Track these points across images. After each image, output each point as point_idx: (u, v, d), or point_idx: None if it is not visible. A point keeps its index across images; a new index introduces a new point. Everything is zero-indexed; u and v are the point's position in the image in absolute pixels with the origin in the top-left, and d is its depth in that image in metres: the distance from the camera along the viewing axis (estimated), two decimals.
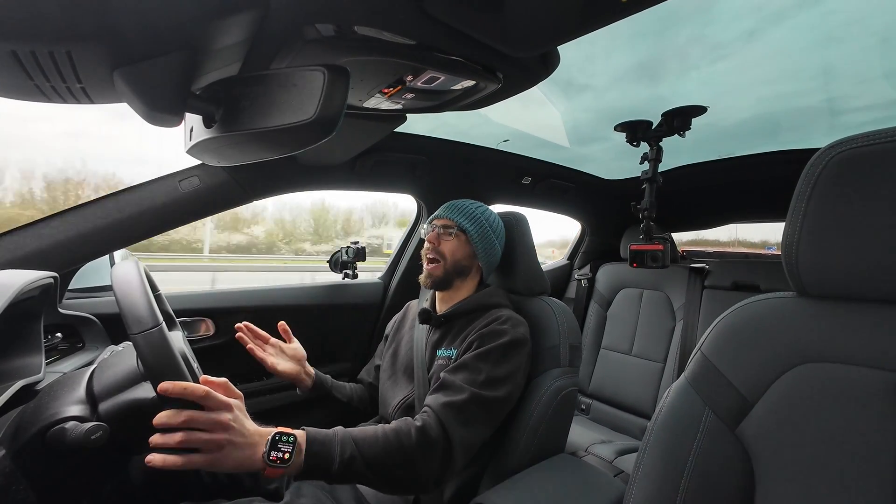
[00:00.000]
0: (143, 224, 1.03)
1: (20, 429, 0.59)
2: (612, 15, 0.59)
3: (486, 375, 0.80)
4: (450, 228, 0.97)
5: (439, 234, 0.98)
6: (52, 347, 0.95)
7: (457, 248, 0.97)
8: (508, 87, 0.81)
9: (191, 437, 0.56)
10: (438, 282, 0.97)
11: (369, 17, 0.56)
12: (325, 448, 0.66)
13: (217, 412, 0.58)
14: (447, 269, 0.96)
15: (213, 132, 0.53)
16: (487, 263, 1.00)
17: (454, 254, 0.96)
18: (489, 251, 0.99)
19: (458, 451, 0.75)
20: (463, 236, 0.97)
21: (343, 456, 0.67)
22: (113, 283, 0.61)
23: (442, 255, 0.97)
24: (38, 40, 0.39)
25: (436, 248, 0.97)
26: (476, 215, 0.99)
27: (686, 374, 0.61)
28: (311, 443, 0.66)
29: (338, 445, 0.68)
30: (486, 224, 0.99)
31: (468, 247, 0.97)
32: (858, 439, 0.47)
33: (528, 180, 1.72)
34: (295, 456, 0.63)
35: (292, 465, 0.62)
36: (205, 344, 1.26)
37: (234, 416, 0.60)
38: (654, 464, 0.58)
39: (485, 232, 0.98)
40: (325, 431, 0.69)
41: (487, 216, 1.00)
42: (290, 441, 0.63)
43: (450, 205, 1.01)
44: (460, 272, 0.98)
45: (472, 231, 0.96)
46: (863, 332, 0.50)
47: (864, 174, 0.48)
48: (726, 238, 5.17)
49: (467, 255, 0.98)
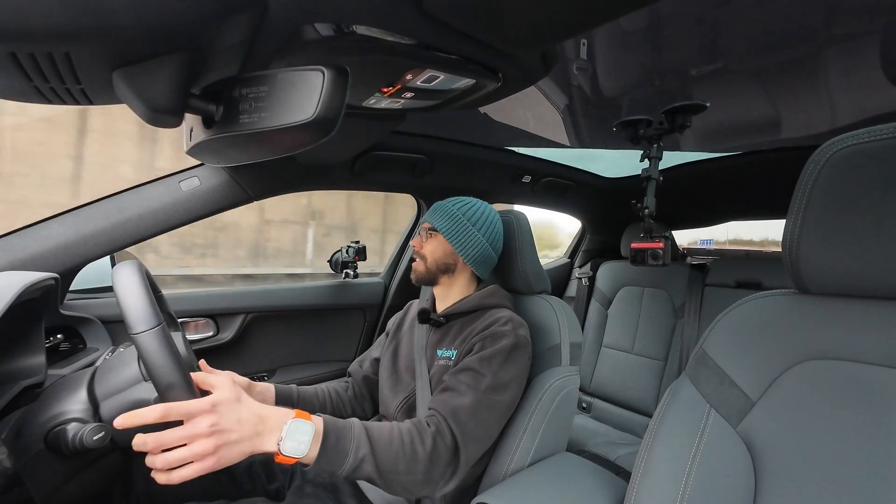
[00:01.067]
0: (144, 224, 1.03)
1: (22, 430, 0.59)
2: (611, 12, 0.58)
3: (492, 379, 0.80)
4: (429, 230, 1.00)
5: (421, 237, 1.01)
6: (54, 349, 0.95)
7: (435, 248, 0.98)
8: (508, 85, 0.81)
9: (173, 457, 0.53)
10: (423, 279, 1.00)
11: (368, 16, 0.56)
12: (340, 443, 0.65)
13: (192, 423, 0.55)
14: (428, 267, 0.98)
15: (213, 132, 0.53)
16: (471, 258, 0.97)
17: (433, 253, 0.98)
18: (467, 244, 0.97)
19: (465, 458, 0.75)
20: (439, 235, 0.99)
21: (357, 454, 0.65)
22: (114, 284, 0.61)
23: (422, 256, 0.99)
24: (36, 42, 0.38)
25: (418, 251, 1.00)
26: (452, 212, 0.98)
27: (687, 372, 0.61)
28: (327, 435, 0.64)
29: (354, 442, 0.66)
30: (462, 218, 0.97)
31: (446, 244, 0.98)
32: (861, 436, 0.47)
33: (528, 179, 1.72)
34: (311, 447, 0.61)
35: (306, 457, 0.60)
36: (206, 344, 1.26)
37: (216, 419, 0.56)
38: (657, 462, 0.58)
39: (459, 226, 0.97)
40: (343, 424, 0.67)
41: (466, 210, 0.99)
42: (306, 430, 0.61)
43: (432, 207, 1.03)
44: (444, 269, 0.99)
45: (443, 228, 0.97)
46: (864, 330, 0.50)
47: (865, 170, 0.48)
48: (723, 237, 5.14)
49: (446, 252, 0.98)
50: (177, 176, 1.06)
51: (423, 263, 0.99)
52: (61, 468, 0.60)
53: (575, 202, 2.04)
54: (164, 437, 0.53)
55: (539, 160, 1.68)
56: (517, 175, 1.68)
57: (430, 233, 1.00)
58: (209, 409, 0.56)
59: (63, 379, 0.68)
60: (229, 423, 0.57)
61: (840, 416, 0.49)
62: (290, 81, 0.48)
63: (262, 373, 1.39)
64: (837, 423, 0.49)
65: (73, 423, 0.58)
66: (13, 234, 0.92)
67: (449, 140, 1.41)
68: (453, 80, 0.75)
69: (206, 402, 0.56)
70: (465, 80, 0.76)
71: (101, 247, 0.99)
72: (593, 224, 2.22)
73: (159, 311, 0.59)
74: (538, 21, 0.61)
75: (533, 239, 1.07)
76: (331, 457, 0.64)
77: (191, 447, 0.54)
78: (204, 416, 0.55)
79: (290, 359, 1.44)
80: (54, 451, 0.58)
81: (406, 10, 0.55)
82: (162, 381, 0.56)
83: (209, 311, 1.28)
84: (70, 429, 0.58)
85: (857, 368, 0.49)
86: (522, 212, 1.09)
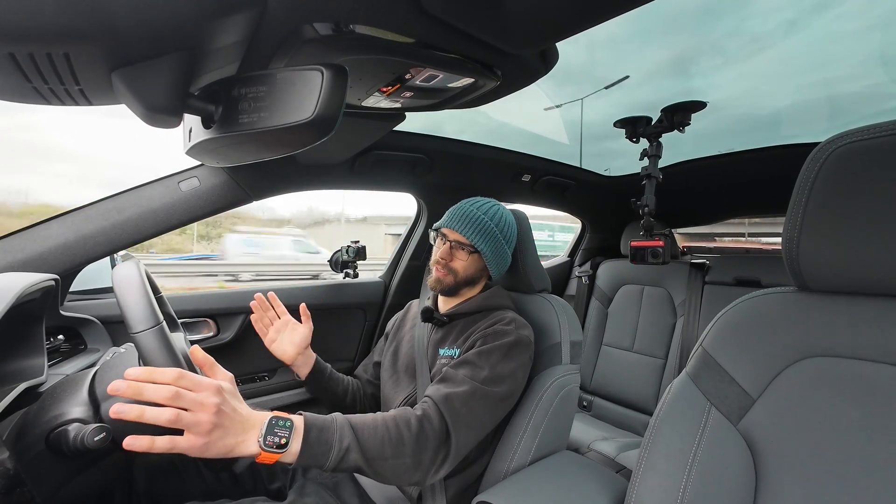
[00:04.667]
0: (144, 225, 1.03)
1: (23, 431, 0.59)
2: (610, 10, 0.58)
3: (489, 372, 0.80)
4: (464, 246, 0.94)
5: (452, 249, 0.95)
6: (54, 349, 0.95)
7: (469, 265, 0.95)
8: (507, 84, 0.81)
9: (179, 416, 0.51)
10: (447, 291, 0.97)
11: (367, 15, 0.56)
12: (323, 434, 0.65)
13: (203, 394, 0.54)
14: (458, 281, 0.95)
15: (212, 133, 0.53)
16: (498, 273, 1.00)
17: (467, 269, 0.95)
18: (501, 263, 0.98)
19: (455, 443, 0.74)
20: (477, 254, 0.95)
21: (341, 444, 0.65)
22: (114, 284, 0.61)
23: (453, 271, 0.94)
24: (35, 42, 0.38)
25: (447, 263, 0.94)
26: (490, 229, 0.94)
27: (688, 369, 0.61)
28: (308, 428, 0.64)
29: (336, 432, 0.66)
30: (500, 237, 0.95)
31: (481, 262, 0.96)
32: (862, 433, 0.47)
33: (528, 178, 1.72)
34: (292, 441, 0.61)
35: (288, 452, 0.60)
36: (206, 344, 1.26)
37: (222, 400, 0.56)
38: (657, 460, 0.58)
39: (499, 247, 0.95)
40: (324, 417, 0.67)
41: (502, 227, 0.96)
42: (287, 426, 0.61)
43: (463, 216, 0.94)
44: (470, 282, 0.98)
45: (487, 251, 0.93)
46: (865, 327, 0.50)
47: (865, 168, 0.48)
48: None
49: (479, 268, 0.97)
50: (176, 176, 1.06)
51: (453, 277, 0.95)
52: (63, 469, 0.60)
53: (575, 201, 2.03)
54: (180, 391, 0.52)
55: (539, 159, 1.67)
56: (517, 174, 1.68)
57: (463, 248, 0.94)
58: (217, 388, 0.56)
59: (64, 380, 0.68)
60: (229, 409, 0.57)
61: (840, 414, 0.49)
62: (290, 81, 0.47)
63: (262, 373, 1.39)
64: (838, 420, 0.49)
65: (75, 423, 0.58)
66: (13, 236, 0.92)
67: (449, 139, 1.41)
68: (452, 78, 0.75)
69: (215, 383, 0.57)
70: (464, 79, 0.76)
71: (100, 247, 0.99)
72: (593, 222, 2.22)
73: (158, 311, 0.59)
74: (538, 19, 0.61)
75: (533, 238, 1.07)
76: (315, 450, 0.63)
77: (195, 414, 0.53)
78: (212, 393, 0.55)
79: None
80: (55, 452, 0.58)
81: (405, 9, 0.55)
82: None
83: (209, 311, 1.28)
84: (71, 429, 0.58)
85: (857, 365, 0.49)
86: (523, 211, 1.09)
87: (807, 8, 0.76)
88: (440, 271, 0.95)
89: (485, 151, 1.51)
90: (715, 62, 0.98)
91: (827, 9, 0.76)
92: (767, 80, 1.06)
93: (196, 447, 0.53)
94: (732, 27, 0.82)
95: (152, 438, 0.51)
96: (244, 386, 1.34)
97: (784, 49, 0.89)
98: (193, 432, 0.53)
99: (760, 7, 0.77)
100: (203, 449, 0.54)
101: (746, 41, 0.87)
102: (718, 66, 1.01)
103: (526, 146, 1.58)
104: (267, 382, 1.38)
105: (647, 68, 1.00)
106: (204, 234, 14.28)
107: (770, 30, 0.83)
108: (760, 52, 0.90)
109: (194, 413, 0.53)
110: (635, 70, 1.01)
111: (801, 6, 0.76)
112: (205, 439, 0.54)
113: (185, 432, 0.53)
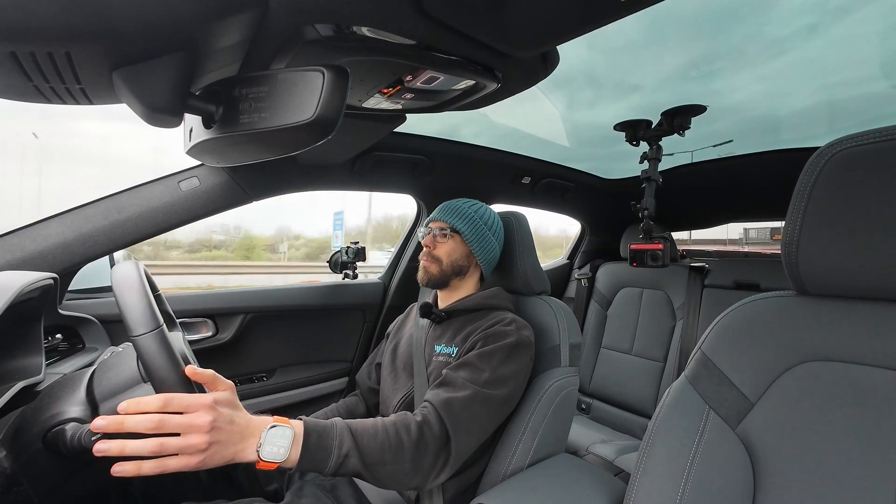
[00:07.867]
0: (143, 225, 1.03)
1: (20, 430, 0.59)
2: (611, 14, 0.58)
3: (490, 374, 0.80)
4: (444, 230, 0.98)
5: (435, 237, 0.98)
6: (53, 348, 0.95)
7: (453, 249, 0.97)
8: (508, 86, 0.81)
9: (165, 445, 0.51)
10: (435, 281, 0.98)
11: (369, 17, 0.56)
12: (322, 440, 0.65)
13: (194, 414, 0.54)
14: (444, 269, 0.97)
15: (213, 133, 0.53)
16: (486, 261, 1.00)
17: (450, 255, 0.97)
18: (486, 248, 0.99)
19: (456, 448, 0.74)
20: (458, 237, 0.97)
21: (340, 449, 0.65)
22: (113, 285, 0.61)
23: (438, 258, 0.97)
24: (36, 41, 0.38)
25: (431, 251, 0.97)
26: (469, 214, 0.98)
27: (686, 373, 0.61)
28: (308, 434, 0.63)
29: (336, 438, 0.66)
30: (480, 222, 0.98)
31: (464, 246, 0.98)
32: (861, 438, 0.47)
33: (528, 180, 1.72)
34: (291, 448, 0.60)
35: (288, 458, 0.60)
36: (205, 345, 1.26)
37: (215, 416, 0.55)
38: (656, 463, 0.58)
39: (480, 230, 0.98)
40: (323, 423, 0.67)
41: (482, 213, 1.00)
42: (286, 434, 0.61)
43: (443, 206, 1.01)
44: (458, 272, 0.98)
45: (465, 231, 0.96)
46: (864, 331, 0.50)
47: (864, 172, 0.48)
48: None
49: (464, 254, 0.98)
50: (176, 176, 1.06)
51: (438, 265, 0.97)
52: (60, 468, 0.60)
53: (574, 203, 2.04)
54: (164, 419, 0.52)
55: (539, 161, 1.68)
56: (517, 176, 1.68)
57: (445, 233, 0.98)
58: (210, 405, 0.56)
59: (62, 379, 0.68)
60: (224, 423, 0.56)
61: (839, 418, 0.49)
62: (291, 82, 0.48)
63: (261, 373, 1.39)
64: (836, 424, 0.49)
65: (72, 423, 0.58)
66: (12, 234, 0.91)
67: (449, 140, 1.41)
68: (453, 80, 0.75)
69: (208, 398, 0.56)
70: (465, 81, 0.76)
71: (100, 246, 0.99)
72: (593, 225, 2.22)
73: (158, 314, 0.59)
74: (539, 22, 0.61)
75: (532, 240, 1.07)
76: (314, 455, 0.63)
77: (185, 438, 0.53)
78: (204, 412, 0.55)
79: (289, 359, 1.44)
80: (53, 452, 0.58)
81: (406, 11, 0.55)
82: (161, 382, 0.55)
83: (208, 311, 1.28)
84: (68, 429, 0.58)
85: (855, 370, 0.49)
86: (522, 213, 1.09)
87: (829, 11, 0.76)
88: (425, 260, 0.98)
89: (485, 153, 1.51)
90: (733, 66, 0.99)
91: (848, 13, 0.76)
92: (788, 82, 1.06)
93: (190, 466, 0.53)
94: (752, 31, 0.82)
95: (139, 463, 0.51)
96: (242, 387, 1.34)
97: (804, 52, 0.89)
98: (186, 453, 0.53)
99: (781, 12, 0.77)
100: (199, 465, 0.54)
101: (766, 44, 0.87)
102: (736, 69, 1.01)
103: (545, 151, 1.57)
104: (265, 383, 1.38)
105: (664, 73, 1.01)
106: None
107: (790, 34, 0.83)
108: (780, 55, 0.90)
109: (185, 436, 0.53)
110: (651, 74, 1.01)
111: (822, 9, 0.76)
112: (199, 458, 0.54)
113: (180, 453, 0.53)
